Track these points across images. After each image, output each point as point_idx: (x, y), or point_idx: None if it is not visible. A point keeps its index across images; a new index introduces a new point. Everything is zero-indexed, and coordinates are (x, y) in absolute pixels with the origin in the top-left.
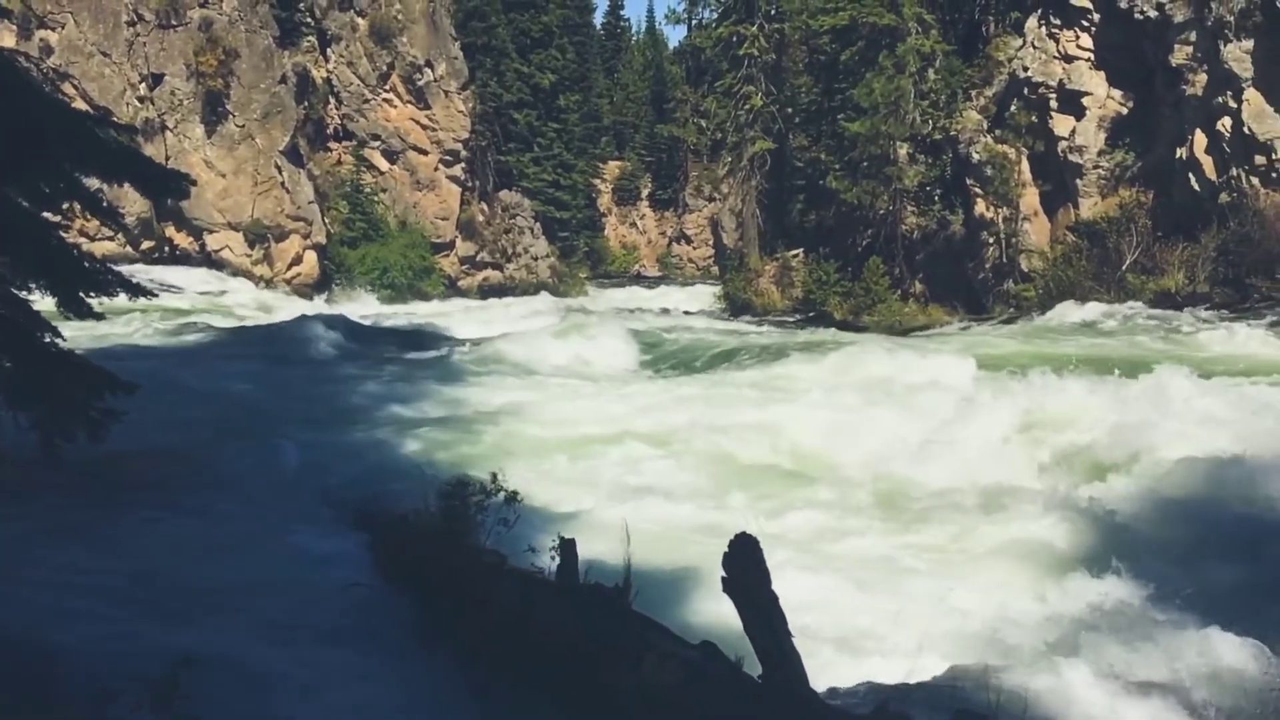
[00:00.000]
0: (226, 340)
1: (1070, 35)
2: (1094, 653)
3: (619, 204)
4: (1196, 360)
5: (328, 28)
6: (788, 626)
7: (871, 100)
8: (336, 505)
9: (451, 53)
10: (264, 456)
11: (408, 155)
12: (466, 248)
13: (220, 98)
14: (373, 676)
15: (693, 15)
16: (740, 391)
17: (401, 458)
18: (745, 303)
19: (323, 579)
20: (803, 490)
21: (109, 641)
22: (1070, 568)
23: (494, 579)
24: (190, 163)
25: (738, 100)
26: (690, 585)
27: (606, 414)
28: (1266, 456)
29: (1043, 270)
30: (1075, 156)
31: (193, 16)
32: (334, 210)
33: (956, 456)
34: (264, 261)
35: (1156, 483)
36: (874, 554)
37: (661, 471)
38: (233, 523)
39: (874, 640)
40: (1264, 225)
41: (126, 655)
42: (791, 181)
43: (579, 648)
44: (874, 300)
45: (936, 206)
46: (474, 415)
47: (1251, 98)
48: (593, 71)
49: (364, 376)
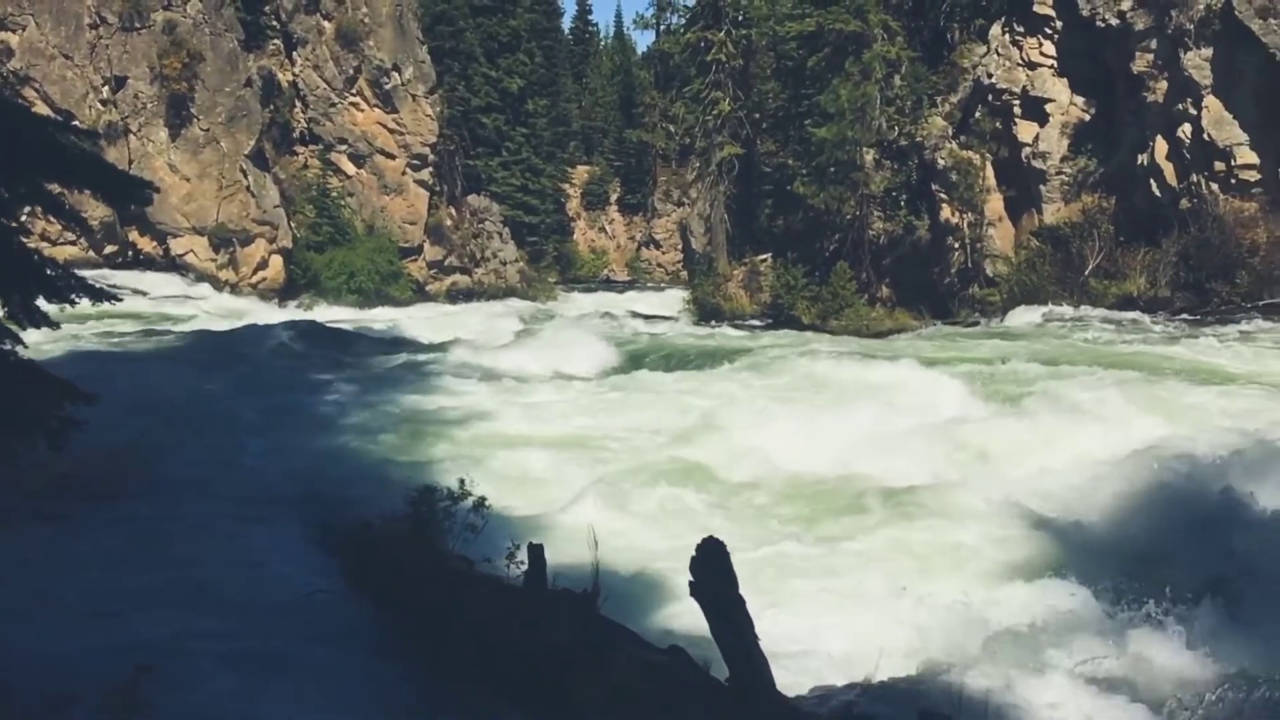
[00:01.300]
0: (190, 345)
1: (1033, 42)
2: (1053, 652)
3: (588, 209)
4: (1143, 362)
5: (293, 31)
6: (754, 630)
7: (838, 106)
8: (299, 511)
9: (419, 56)
10: (226, 463)
11: (375, 159)
12: (434, 252)
13: (184, 101)
14: (336, 683)
15: (661, 21)
16: (708, 395)
17: (366, 464)
18: (714, 307)
19: (285, 586)
20: (763, 495)
21: (67, 650)
22: (1027, 569)
23: (461, 585)
24: (154, 166)
25: (706, 105)
26: (658, 590)
27: (575, 418)
28: (1215, 457)
29: (1007, 275)
30: (1039, 162)
31: (156, 19)
32: (300, 214)
33: (909, 458)
34: (229, 266)
35: (1108, 484)
36: (830, 556)
37: (630, 476)
38: (193, 530)
39: (837, 642)
40: (1223, 231)
41: (85, 663)
42: (759, 186)
43: (547, 653)
44: (841, 305)
45: (903, 212)
46: (440, 420)
47: (1211, 105)
48: (561, 76)
49: (329, 382)
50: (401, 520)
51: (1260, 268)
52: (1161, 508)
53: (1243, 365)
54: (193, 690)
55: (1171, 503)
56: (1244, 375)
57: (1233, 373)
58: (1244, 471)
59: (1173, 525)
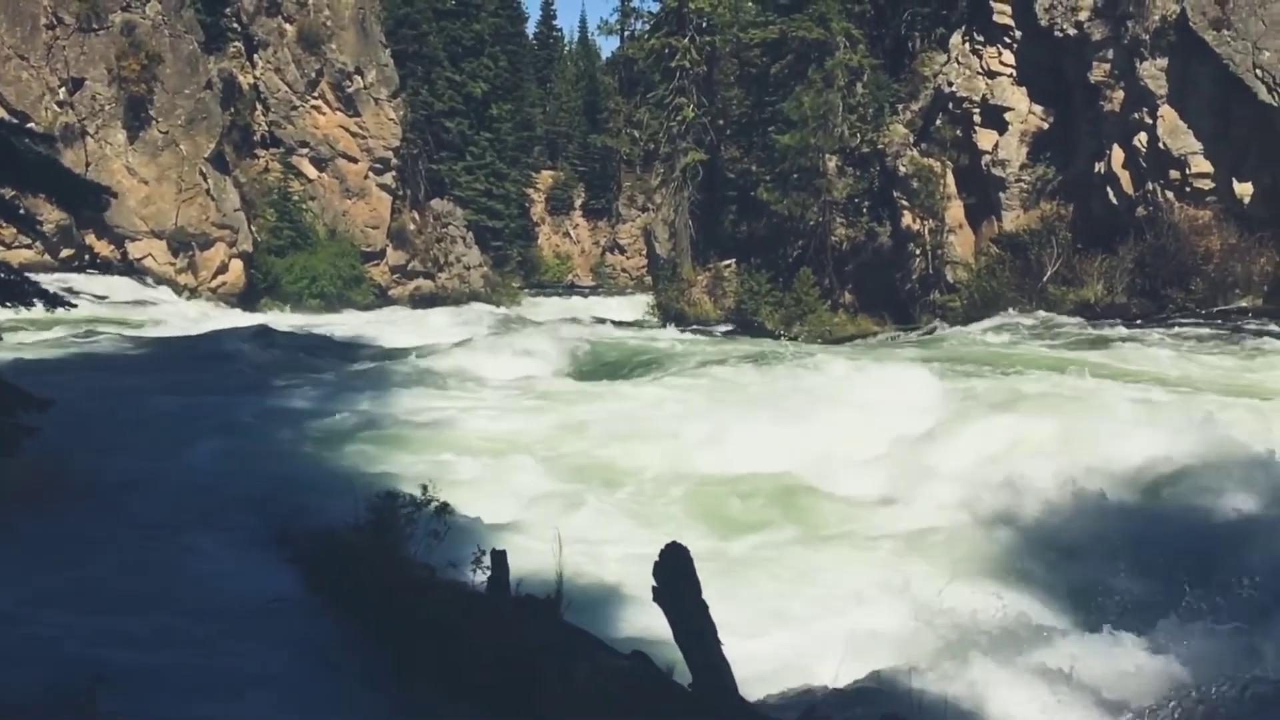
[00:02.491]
0: (148, 351)
1: (993, 51)
2: (1014, 655)
3: (552, 213)
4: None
5: (255, 33)
6: (717, 635)
7: (801, 113)
8: (259, 519)
9: (382, 60)
10: (181, 471)
11: (337, 163)
12: (397, 257)
13: (143, 103)
14: (297, 692)
15: (625, 26)
16: (674, 400)
17: (327, 470)
18: (678, 312)
19: (245, 594)
20: (728, 500)
21: (12, 660)
22: (985, 570)
23: (423, 592)
24: (112, 169)
25: (670, 111)
26: (621, 595)
27: (538, 424)
28: (1173, 461)
29: (967, 281)
30: (998, 170)
31: (115, 20)
32: (261, 218)
33: (865, 461)
34: (188, 270)
35: (1067, 486)
36: (789, 559)
37: (593, 481)
38: (147, 539)
39: (797, 647)
40: (1178, 238)
41: (32, 674)
42: (723, 192)
43: (511, 660)
44: (804, 310)
45: (865, 218)
46: (402, 426)
47: (1166, 114)
48: (525, 81)
49: (289, 387)
50: (363, 527)
51: (1214, 275)
52: (1122, 512)
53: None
54: (150, 701)
55: (1131, 507)
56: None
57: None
58: (1206, 476)
59: (1133, 528)
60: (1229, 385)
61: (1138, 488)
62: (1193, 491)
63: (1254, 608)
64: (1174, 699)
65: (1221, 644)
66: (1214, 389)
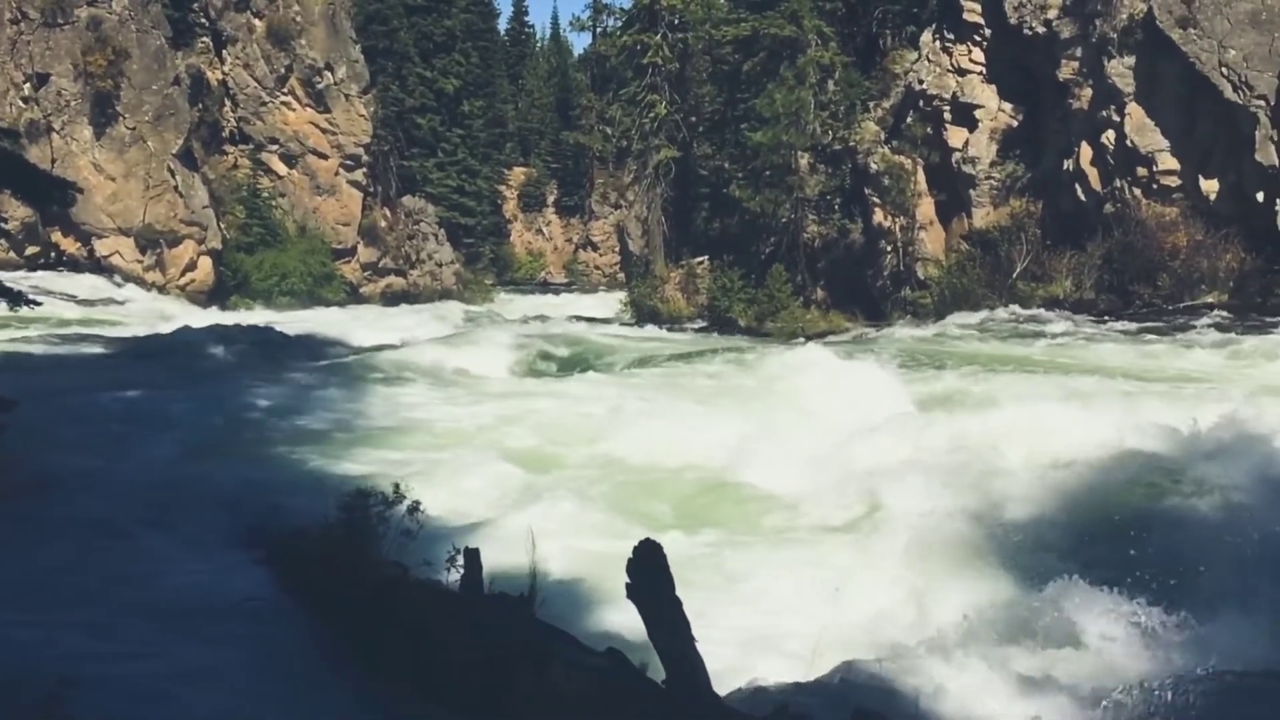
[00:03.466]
0: (115, 350)
1: (963, 50)
2: (981, 646)
3: (525, 210)
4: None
5: (223, 29)
6: (691, 631)
7: (773, 110)
8: (229, 518)
9: (352, 56)
10: (151, 470)
11: (307, 159)
12: (368, 254)
13: (110, 99)
14: (268, 694)
15: (597, 23)
16: (646, 397)
17: (298, 469)
18: (651, 310)
19: (216, 594)
20: (699, 497)
21: None
22: (955, 562)
23: (395, 591)
24: (78, 166)
25: (642, 108)
26: (595, 592)
27: (509, 421)
28: (1148, 450)
29: (938, 278)
30: (968, 167)
31: (80, 15)
32: (230, 215)
33: (832, 455)
34: (156, 268)
35: (1035, 477)
36: (762, 555)
37: (565, 479)
38: (121, 537)
39: (770, 641)
40: (1145, 234)
41: (4, 673)
42: (696, 189)
43: (484, 658)
44: (777, 307)
45: (837, 215)
46: (373, 424)
47: (1133, 112)
48: (497, 77)
49: (258, 386)
50: (334, 526)
51: (1180, 271)
52: (1095, 502)
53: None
54: (113, 701)
55: (1105, 497)
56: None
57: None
58: (1181, 465)
59: (1105, 519)
60: (1171, 374)
61: (1090, 478)
62: (1138, 480)
63: (1217, 596)
64: (1157, 690)
65: (1186, 634)
66: (1159, 379)
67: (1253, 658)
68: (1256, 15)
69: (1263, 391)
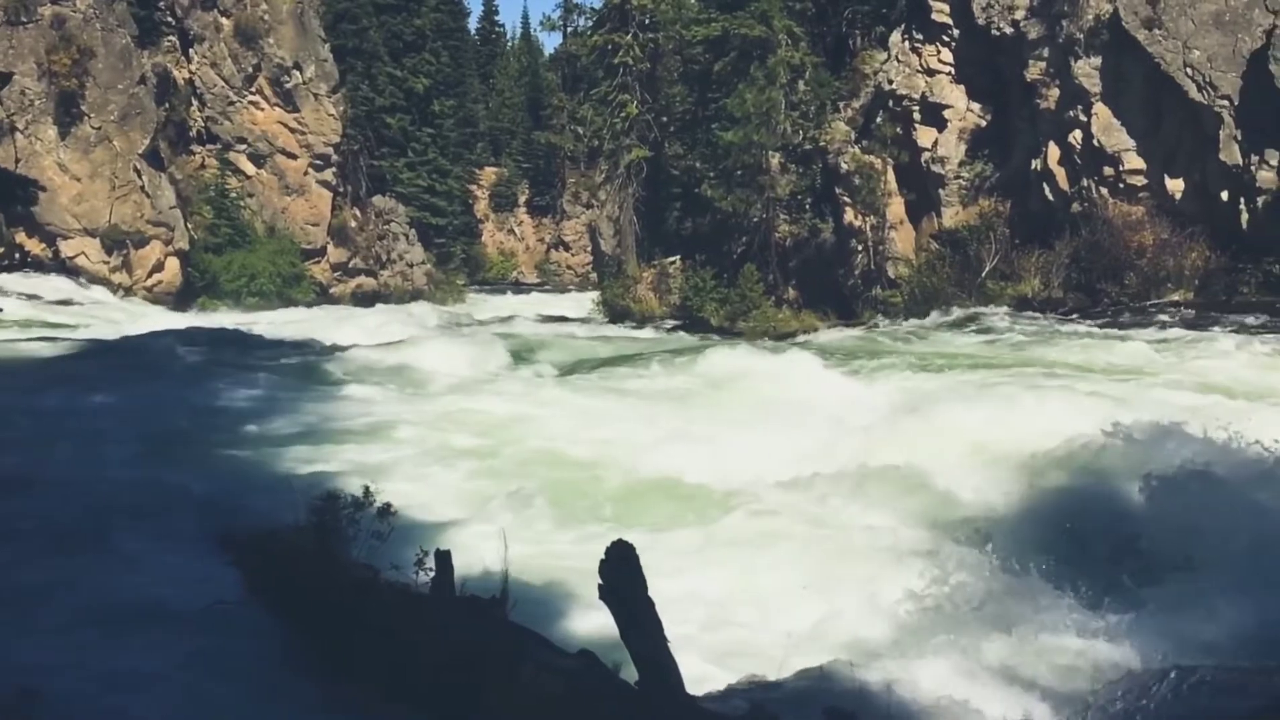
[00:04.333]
0: (80, 352)
1: (932, 50)
2: (952, 645)
3: (496, 210)
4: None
5: (190, 27)
6: (664, 632)
7: (744, 110)
8: (197, 522)
9: (321, 55)
10: (117, 473)
11: (275, 159)
12: (338, 254)
13: (75, 98)
14: (234, 699)
15: (568, 23)
16: (621, 400)
17: (267, 471)
18: (624, 309)
19: (183, 598)
20: (670, 502)
21: None
22: (924, 560)
23: (365, 593)
24: (42, 165)
25: (614, 108)
26: (568, 593)
27: (481, 422)
28: (1105, 447)
29: (908, 277)
30: (937, 167)
31: (44, 13)
32: (198, 215)
33: (801, 452)
34: (122, 269)
35: (1007, 474)
36: (730, 553)
37: (537, 481)
38: (82, 542)
39: (741, 641)
40: (1112, 233)
41: None
42: (668, 189)
43: (456, 661)
44: (749, 306)
45: (808, 215)
46: (343, 426)
47: (1100, 112)
48: (468, 77)
49: (227, 388)
50: (304, 528)
51: (1147, 269)
52: (1063, 497)
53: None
54: (79, 711)
55: (1074, 492)
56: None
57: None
58: (1147, 459)
59: (1076, 514)
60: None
61: (1094, 474)
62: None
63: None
64: (1116, 687)
65: (1177, 629)
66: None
67: (1216, 650)
68: (1220, 16)
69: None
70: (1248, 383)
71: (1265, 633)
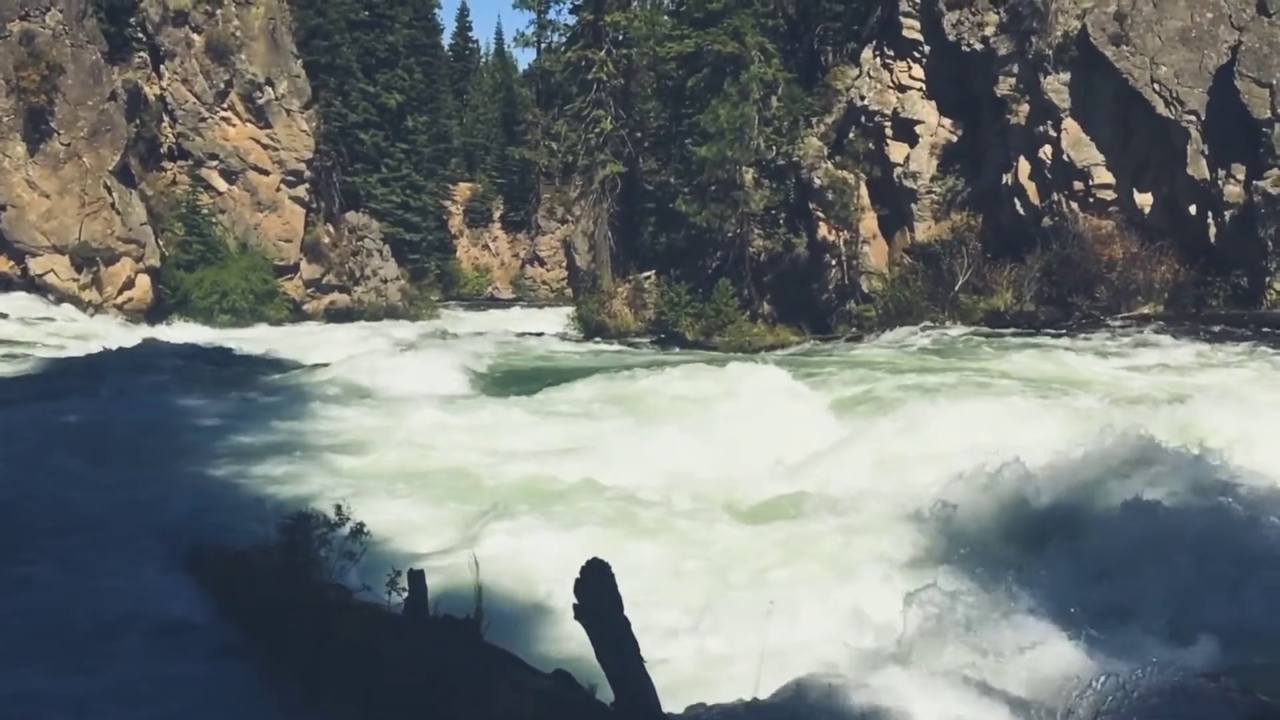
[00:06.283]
0: (49, 370)
1: (903, 66)
2: (929, 657)
3: (471, 226)
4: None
5: (161, 43)
6: (639, 651)
7: (718, 126)
8: (166, 542)
9: (293, 71)
10: (84, 494)
11: (248, 175)
12: (312, 270)
13: (44, 114)
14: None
15: (541, 39)
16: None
17: (238, 490)
18: (599, 324)
19: (152, 619)
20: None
21: None
22: (903, 573)
23: (337, 614)
24: (10, 183)
25: (588, 124)
26: (543, 614)
27: (455, 440)
28: (1086, 458)
29: (882, 291)
30: (910, 182)
31: (13, 30)
32: (169, 232)
33: (783, 464)
34: (93, 286)
35: (986, 485)
36: (711, 566)
37: (511, 498)
38: (47, 565)
39: (719, 658)
40: (1083, 247)
41: None
42: (642, 204)
43: (430, 682)
44: (724, 321)
45: (782, 230)
46: (315, 444)
47: (1069, 127)
48: (441, 92)
49: (197, 406)
50: (276, 549)
51: (1117, 282)
52: (1035, 507)
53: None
54: None
55: (1046, 501)
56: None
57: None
58: (1117, 467)
59: (1048, 524)
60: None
61: (1062, 484)
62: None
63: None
64: (1083, 693)
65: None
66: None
67: (1188, 660)
68: (1186, 32)
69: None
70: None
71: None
